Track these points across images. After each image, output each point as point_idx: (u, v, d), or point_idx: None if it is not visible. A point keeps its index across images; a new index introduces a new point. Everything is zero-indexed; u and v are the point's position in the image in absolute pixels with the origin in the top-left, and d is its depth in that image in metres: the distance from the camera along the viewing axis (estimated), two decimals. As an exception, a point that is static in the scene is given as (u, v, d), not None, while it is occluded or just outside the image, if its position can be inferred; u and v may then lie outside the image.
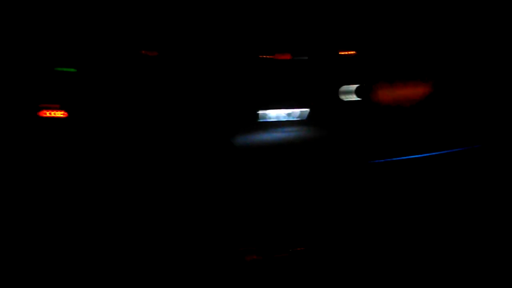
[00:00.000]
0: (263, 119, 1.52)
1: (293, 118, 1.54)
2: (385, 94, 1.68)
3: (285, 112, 1.53)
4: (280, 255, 1.47)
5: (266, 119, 1.52)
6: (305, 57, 1.49)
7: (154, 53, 1.46)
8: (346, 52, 1.62)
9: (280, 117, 1.53)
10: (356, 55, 1.61)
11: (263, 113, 1.51)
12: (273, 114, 1.52)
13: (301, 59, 1.50)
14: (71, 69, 1.43)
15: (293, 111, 1.53)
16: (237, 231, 1.48)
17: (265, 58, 1.50)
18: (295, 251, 1.49)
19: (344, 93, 1.57)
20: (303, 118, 1.55)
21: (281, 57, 1.48)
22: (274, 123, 1.54)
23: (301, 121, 1.55)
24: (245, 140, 1.51)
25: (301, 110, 1.54)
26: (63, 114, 1.40)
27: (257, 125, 1.52)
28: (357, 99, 1.56)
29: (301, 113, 1.54)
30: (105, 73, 1.46)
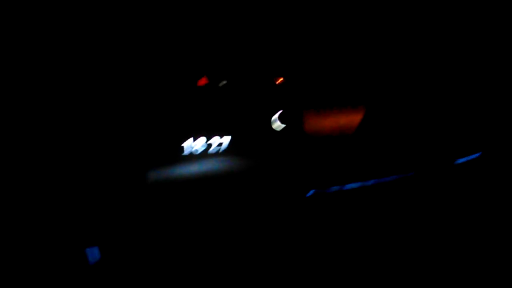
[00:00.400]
0: (184, 152, 1.37)
1: (214, 148, 1.40)
2: (315, 121, 1.61)
3: (205, 142, 1.38)
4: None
5: (185, 151, 1.37)
6: (224, 81, 1.37)
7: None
8: (275, 78, 1.53)
9: (199, 149, 1.38)
10: (283, 82, 1.53)
11: (184, 145, 1.36)
12: (192, 145, 1.37)
13: (219, 83, 1.38)
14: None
15: (214, 140, 1.39)
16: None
17: (181, 84, 1.37)
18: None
19: (274, 122, 1.47)
20: (225, 148, 1.41)
21: (199, 82, 1.36)
22: (192, 156, 1.39)
23: (223, 151, 1.41)
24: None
25: (222, 138, 1.40)
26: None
27: (172, 159, 1.36)
28: (283, 126, 1.47)
29: (222, 143, 1.41)
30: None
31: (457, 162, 1.88)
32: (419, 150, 1.77)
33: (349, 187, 1.67)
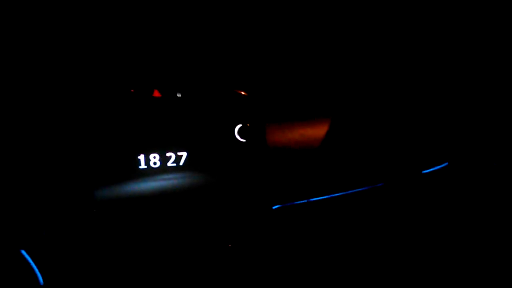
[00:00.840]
0: (140, 166, 1.31)
1: (171, 163, 1.34)
2: (279, 134, 1.58)
3: (161, 156, 1.33)
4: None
5: (140, 165, 1.31)
6: (178, 95, 1.33)
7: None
8: (238, 91, 1.49)
9: (156, 162, 1.32)
10: (246, 96, 1.49)
11: (139, 158, 1.30)
12: (147, 159, 1.31)
13: (174, 96, 1.33)
14: None
15: (170, 155, 1.34)
16: None
17: (138, 94, 1.31)
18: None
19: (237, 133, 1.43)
20: (181, 163, 1.36)
21: (155, 94, 1.30)
22: (149, 171, 1.33)
23: (179, 166, 1.36)
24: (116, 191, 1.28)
25: (178, 154, 1.35)
26: None
27: (127, 174, 1.30)
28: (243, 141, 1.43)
29: (178, 158, 1.35)
30: None
31: (424, 172, 1.88)
32: (386, 160, 1.77)
33: (316, 199, 1.64)
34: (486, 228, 1.67)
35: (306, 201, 1.62)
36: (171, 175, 1.34)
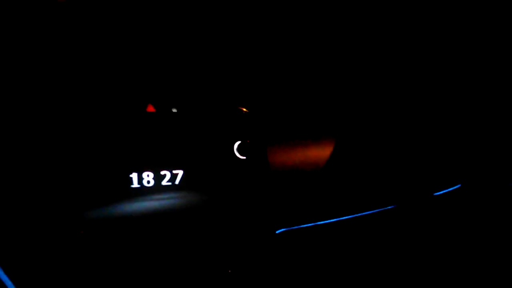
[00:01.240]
0: (132, 185, 1.23)
1: (165, 182, 1.27)
2: (278, 157, 1.50)
3: (156, 175, 1.25)
4: None
5: (133, 184, 1.23)
6: (174, 110, 1.26)
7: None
8: (239, 107, 1.43)
9: (150, 181, 1.25)
10: (247, 112, 1.42)
11: (131, 177, 1.22)
12: (140, 177, 1.24)
13: (169, 111, 1.27)
14: None
15: (165, 173, 1.27)
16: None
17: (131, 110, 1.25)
18: None
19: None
20: (177, 182, 1.28)
21: (148, 109, 1.24)
22: (142, 190, 1.25)
23: (175, 185, 1.28)
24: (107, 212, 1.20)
25: (174, 172, 1.28)
26: None
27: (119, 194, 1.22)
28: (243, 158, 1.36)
29: (173, 176, 1.28)
30: None
31: (436, 194, 1.81)
32: (395, 183, 1.69)
33: (323, 223, 1.54)
34: (500, 254, 1.56)
35: (312, 224, 1.53)
36: (165, 195, 1.26)
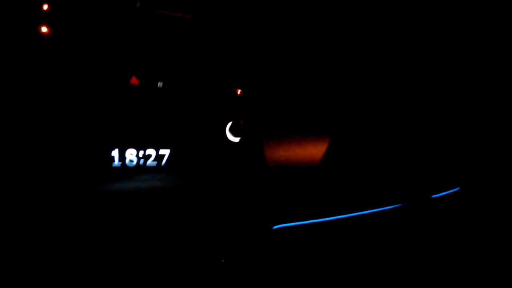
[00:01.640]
0: (114, 163, 1.12)
1: (151, 161, 1.15)
2: (275, 151, 1.42)
3: (139, 154, 1.14)
4: None
5: (115, 162, 1.12)
6: (159, 84, 1.17)
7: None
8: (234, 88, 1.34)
9: (133, 161, 1.13)
10: (242, 94, 1.34)
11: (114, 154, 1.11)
12: (123, 156, 1.12)
13: (154, 86, 1.17)
14: None
15: (149, 152, 1.15)
16: None
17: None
18: None
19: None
20: (162, 162, 1.17)
21: (132, 81, 1.14)
22: (125, 169, 1.13)
23: (160, 167, 1.17)
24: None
25: (159, 152, 1.17)
26: None
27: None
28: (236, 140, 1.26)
29: (159, 157, 1.17)
30: None
31: (434, 196, 1.73)
32: (393, 183, 1.63)
33: (317, 221, 1.45)
34: (501, 256, 1.52)
35: (308, 222, 1.43)
36: (150, 175, 1.14)
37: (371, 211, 1.56)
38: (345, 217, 1.50)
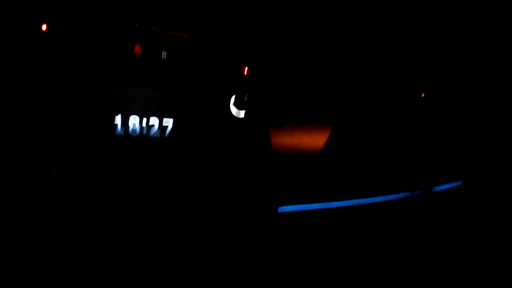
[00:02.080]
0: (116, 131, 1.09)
1: (154, 131, 1.13)
2: (280, 138, 1.41)
3: (142, 122, 1.12)
4: None
5: (118, 130, 1.09)
6: (163, 54, 1.15)
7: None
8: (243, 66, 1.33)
9: (136, 129, 1.11)
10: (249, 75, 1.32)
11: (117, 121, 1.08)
12: (127, 125, 1.10)
13: (158, 56, 1.15)
14: None
15: (153, 121, 1.13)
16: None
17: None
18: None
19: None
20: (166, 133, 1.15)
21: (136, 50, 1.12)
22: (128, 137, 1.10)
23: (164, 137, 1.14)
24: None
25: (163, 120, 1.14)
26: None
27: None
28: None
29: (162, 125, 1.14)
30: None
31: (436, 189, 1.71)
32: (394, 173, 1.61)
33: (317, 207, 1.46)
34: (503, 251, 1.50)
35: (309, 207, 1.43)
36: (153, 144, 1.11)
37: (372, 200, 1.54)
38: (346, 205, 1.49)
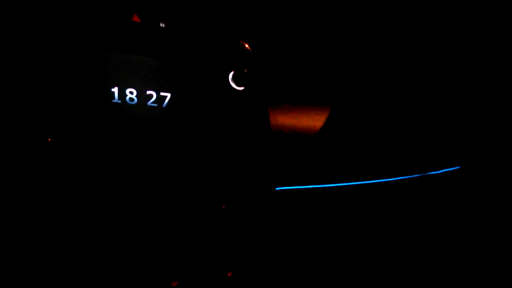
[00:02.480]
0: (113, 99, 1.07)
1: (151, 102, 1.12)
2: (280, 118, 1.40)
3: (140, 93, 1.10)
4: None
5: (114, 99, 1.07)
6: (162, 24, 1.14)
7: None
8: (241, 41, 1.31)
9: (133, 99, 1.09)
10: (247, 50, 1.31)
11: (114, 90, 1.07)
12: (124, 94, 1.08)
13: (156, 25, 1.14)
14: None
15: (151, 93, 1.11)
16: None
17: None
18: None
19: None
20: (164, 104, 1.13)
21: (133, 18, 1.10)
22: (124, 106, 1.09)
23: (161, 108, 1.13)
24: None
25: (160, 94, 1.13)
26: None
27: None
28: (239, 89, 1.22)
29: (160, 98, 1.13)
30: None
31: (432, 173, 1.71)
32: (393, 156, 1.61)
33: (313, 187, 1.46)
34: (501, 237, 1.53)
35: (306, 187, 1.43)
36: (151, 116, 1.10)
37: (368, 181, 1.54)
38: (342, 185, 1.49)
